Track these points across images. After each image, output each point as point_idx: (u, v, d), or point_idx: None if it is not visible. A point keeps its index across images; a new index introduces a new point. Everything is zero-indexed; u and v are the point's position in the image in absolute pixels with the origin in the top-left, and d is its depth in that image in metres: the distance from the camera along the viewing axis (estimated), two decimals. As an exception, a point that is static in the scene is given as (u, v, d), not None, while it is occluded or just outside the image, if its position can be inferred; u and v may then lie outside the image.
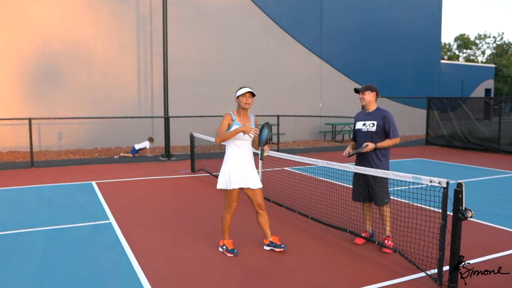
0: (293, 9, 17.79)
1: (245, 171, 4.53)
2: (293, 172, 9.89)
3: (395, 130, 4.79)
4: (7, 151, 13.20)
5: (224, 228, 4.67)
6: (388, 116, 4.81)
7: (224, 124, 4.44)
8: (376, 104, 4.98)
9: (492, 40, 60.96)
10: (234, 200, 4.55)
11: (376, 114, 4.88)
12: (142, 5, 14.85)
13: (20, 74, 13.38)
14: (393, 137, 4.78)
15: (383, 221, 4.85)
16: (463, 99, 15.91)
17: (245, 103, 4.44)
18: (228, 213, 4.60)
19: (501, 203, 7.01)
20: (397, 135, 4.80)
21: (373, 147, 4.74)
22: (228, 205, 4.58)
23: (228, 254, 4.62)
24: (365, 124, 4.93)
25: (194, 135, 10.45)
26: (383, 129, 4.80)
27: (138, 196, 7.58)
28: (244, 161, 4.54)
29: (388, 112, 4.86)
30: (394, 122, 4.82)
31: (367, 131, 4.88)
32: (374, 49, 20.22)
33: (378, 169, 4.56)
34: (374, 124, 4.84)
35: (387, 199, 4.80)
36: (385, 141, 4.78)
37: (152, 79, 15.18)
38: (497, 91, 45.96)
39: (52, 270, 4.20)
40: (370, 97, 4.91)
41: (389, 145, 4.79)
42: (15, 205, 6.86)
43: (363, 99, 4.93)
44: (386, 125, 4.78)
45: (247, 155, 4.58)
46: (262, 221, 4.68)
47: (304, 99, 18.32)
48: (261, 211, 4.64)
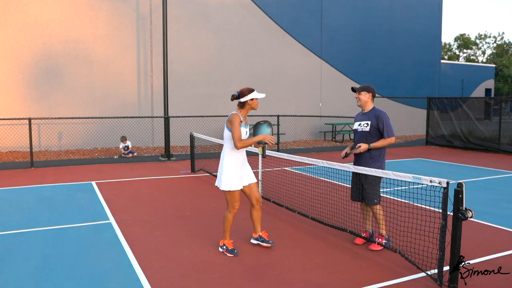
0: (293, 9, 17.79)
1: (243, 169, 4.66)
2: (293, 172, 9.88)
3: (390, 130, 4.76)
4: (7, 151, 13.20)
5: (226, 228, 4.68)
6: (381, 115, 4.78)
7: (238, 127, 4.39)
8: (372, 104, 4.97)
9: (492, 40, 60.96)
10: (238, 200, 4.59)
11: (370, 114, 4.88)
12: (142, 5, 14.85)
13: (20, 74, 13.38)
14: (388, 137, 4.75)
15: (376, 220, 4.83)
16: (463, 99, 15.91)
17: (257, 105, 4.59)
18: (231, 213, 4.63)
19: (501, 203, 7.00)
20: (392, 134, 4.77)
21: (366, 148, 4.74)
22: (231, 206, 4.60)
23: (228, 254, 4.63)
24: (360, 124, 4.95)
25: (194, 135, 10.45)
26: (377, 129, 4.79)
27: (138, 196, 7.57)
28: (242, 161, 4.65)
29: (382, 111, 4.84)
30: (389, 122, 4.79)
31: (361, 131, 4.89)
32: (374, 49, 20.22)
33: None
34: (368, 124, 4.84)
35: (377, 199, 4.77)
36: (379, 141, 4.76)
37: (152, 79, 15.18)
38: (497, 91, 45.96)
39: (52, 270, 4.20)
40: (366, 97, 4.91)
41: (383, 145, 4.76)
42: (15, 205, 6.85)
43: (359, 99, 4.94)
44: (380, 124, 4.76)
45: (244, 154, 4.70)
46: (257, 215, 4.84)
47: (304, 99, 18.32)
48: (258, 206, 4.78)
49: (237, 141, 4.34)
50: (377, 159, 4.83)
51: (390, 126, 4.78)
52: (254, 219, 4.86)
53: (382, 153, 4.87)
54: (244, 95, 4.47)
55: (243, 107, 4.54)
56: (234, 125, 4.36)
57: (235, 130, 4.35)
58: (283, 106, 17.40)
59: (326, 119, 18.46)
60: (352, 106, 18.91)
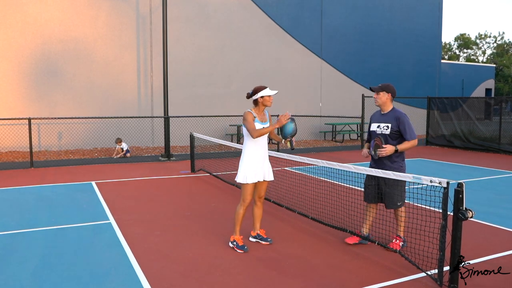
0: (293, 9, 17.78)
1: (263, 164, 4.75)
2: (293, 172, 9.88)
3: (412, 132, 4.64)
4: (7, 151, 13.20)
5: (237, 221, 4.75)
6: (402, 118, 4.66)
7: (252, 122, 4.57)
8: (392, 105, 4.82)
9: (492, 39, 60.97)
10: (250, 194, 4.69)
11: (390, 116, 4.73)
12: (142, 5, 14.84)
13: (19, 74, 13.38)
14: (411, 139, 4.63)
15: (397, 221, 4.80)
16: (463, 99, 15.90)
17: (271, 102, 4.68)
18: (243, 206, 4.71)
19: (501, 203, 7.00)
20: (414, 136, 4.65)
21: (393, 150, 4.58)
22: (243, 199, 4.69)
23: (238, 250, 4.69)
24: (379, 126, 4.79)
25: (194, 135, 10.44)
26: (397, 131, 4.66)
27: (138, 196, 7.57)
28: (262, 155, 4.74)
29: (402, 113, 4.71)
30: (410, 124, 4.66)
31: (381, 134, 4.74)
32: (374, 49, 20.21)
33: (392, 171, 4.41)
34: (388, 126, 4.70)
35: (400, 202, 4.68)
36: (404, 144, 4.62)
37: (152, 79, 15.18)
38: (498, 91, 45.96)
39: (52, 270, 4.20)
40: (385, 98, 4.76)
41: (407, 147, 4.64)
42: (15, 205, 6.85)
43: (377, 99, 4.79)
44: (401, 127, 4.63)
45: (264, 149, 4.79)
46: (258, 213, 4.95)
47: (304, 99, 18.31)
48: (260, 204, 4.90)
49: (252, 131, 4.52)
50: (399, 161, 4.73)
51: (412, 128, 4.65)
52: (256, 216, 4.96)
53: (402, 155, 4.77)
54: (255, 93, 4.65)
55: (256, 105, 4.72)
56: (247, 120, 4.57)
57: (249, 124, 4.54)
58: (283, 106, 17.36)
59: (326, 119, 18.45)
60: (352, 106, 18.92)
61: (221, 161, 11.56)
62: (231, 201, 7.13)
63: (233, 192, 7.84)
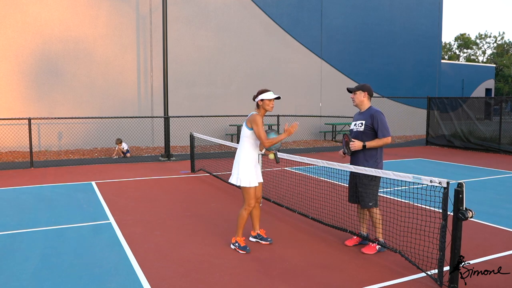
0: (293, 9, 17.78)
1: (257, 168, 4.82)
2: (293, 172, 9.88)
3: (385, 129, 4.59)
4: (7, 151, 13.20)
5: (240, 225, 4.75)
6: (376, 114, 4.64)
7: (263, 128, 4.53)
8: (369, 103, 4.84)
9: (492, 39, 60.98)
10: (253, 197, 4.71)
11: (366, 114, 4.75)
12: (142, 5, 14.84)
13: (19, 74, 13.38)
14: (383, 137, 4.58)
15: (373, 223, 4.72)
16: (463, 99, 15.90)
17: (272, 107, 4.63)
18: (247, 210, 4.73)
19: (501, 203, 7.00)
20: (387, 134, 4.60)
21: (360, 145, 4.59)
22: (247, 203, 4.71)
23: (240, 251, 4.70)
24: (355, 124, 4.84)
25: (194, 135, 10.44)
26: (371, 128, 4.64)
27: (138, 196, 7.57)
28: (256, 159, 4.80)
29: (377, 110, 4.70)
30: (384, 121, 4.62)
31: (356, 131, 4.77)
32: (374, 49, 20.21)
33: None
34: (362, 123, 4.72)
35: (372, 202, 4.64)
36: (374, 141, 4.60)
37: (152, 79, 15.18)
38: (498, 91, 45.97)
39: (52, 270, 4.20)
40: (361, 97, 4.79)
41: (378, 144, 4.59)
42: (15, 205, 6.85)
43: (354, 99, 4.84)
44: (374, 124, 4.62)
45: (258, 151, 4.83)
46: (256, 214, 4.98)
47: (304, 99, 18.31)
48: (257, 204, 4.92)
49: (264, 140, 4.49)
50: (373, 160, 4.67)
51: (385, 125, 4.60)
52: (254, 217, 4.98)
53: (378, 154, 4.71)
54: (256, 96, 4.64)
55: (258, 108, 4.68)
56: (259, 125, 4.50)
57: (261, 131, 4.49)
58: (283, 106, 17.39)
59: (326, 119, 18.46)
60: (352, 106, 18.86)
61: (221, 161, 11.56)
62: (231, 201, 7.13)
63: (233, 192, 7.84)
